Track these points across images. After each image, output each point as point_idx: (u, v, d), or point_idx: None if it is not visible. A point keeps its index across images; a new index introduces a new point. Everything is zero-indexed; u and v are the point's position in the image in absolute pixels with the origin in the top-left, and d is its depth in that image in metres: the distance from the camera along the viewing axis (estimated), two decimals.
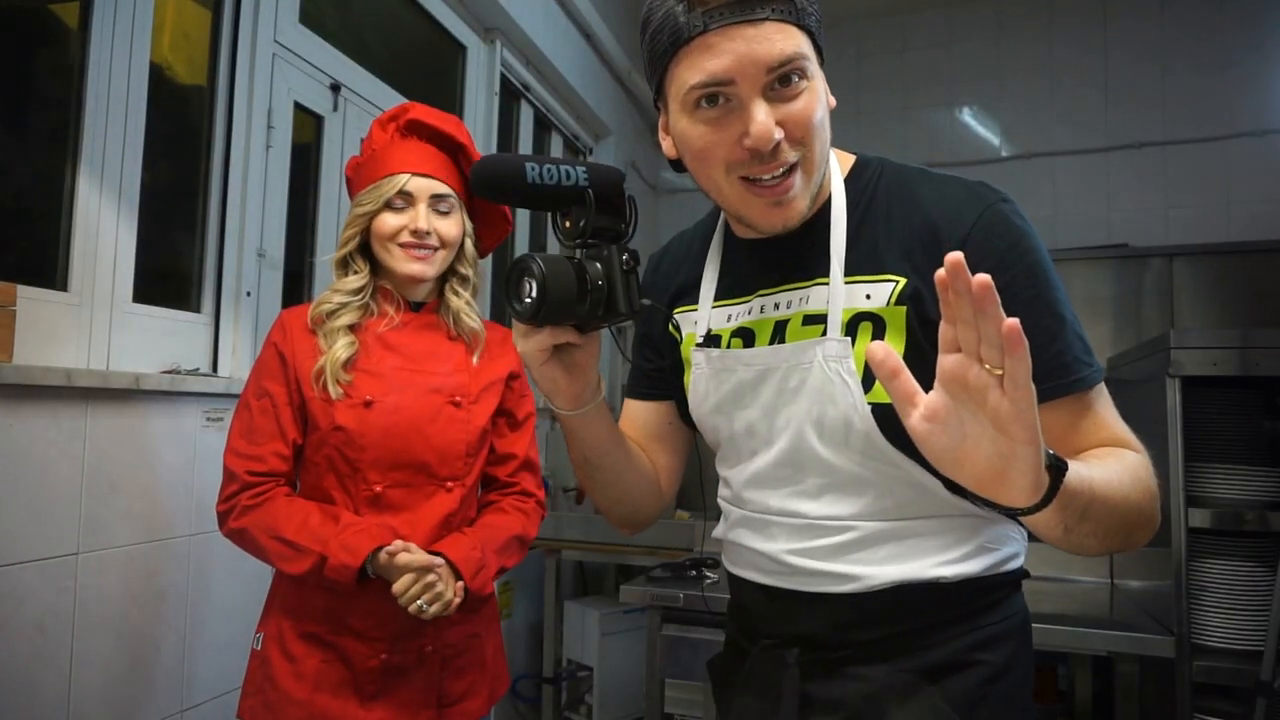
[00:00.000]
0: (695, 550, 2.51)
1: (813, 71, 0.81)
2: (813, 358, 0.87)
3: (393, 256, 1.34)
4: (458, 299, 1.41)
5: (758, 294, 0.95)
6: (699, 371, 0.98)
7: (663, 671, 1.98)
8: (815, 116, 0.81)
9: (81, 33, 1.51)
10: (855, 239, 0.88)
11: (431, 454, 1.32)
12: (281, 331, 1.34)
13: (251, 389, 1.33)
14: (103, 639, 1.42)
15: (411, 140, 1.37)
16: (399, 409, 1.31)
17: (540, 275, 0.80)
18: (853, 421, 0.85)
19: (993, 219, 0.84)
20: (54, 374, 1.32)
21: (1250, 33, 3.37)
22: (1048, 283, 0.83)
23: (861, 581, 0.88)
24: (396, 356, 1.35)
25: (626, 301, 0.85)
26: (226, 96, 1.84)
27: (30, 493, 1.30)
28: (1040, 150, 3.67)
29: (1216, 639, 1.85)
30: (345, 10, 2.30)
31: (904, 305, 0.84)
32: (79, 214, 1.49)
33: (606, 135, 3.84)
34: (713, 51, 0.79)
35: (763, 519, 0.95)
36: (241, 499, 1.27)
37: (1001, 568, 0.91)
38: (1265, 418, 1.98)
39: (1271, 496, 1.88)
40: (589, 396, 0.92)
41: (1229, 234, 3.30)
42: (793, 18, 0.79)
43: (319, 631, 1.29)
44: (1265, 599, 1.81)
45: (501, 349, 1.46)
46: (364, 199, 1.34)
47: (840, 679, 0.91)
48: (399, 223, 1.33)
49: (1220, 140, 3.38)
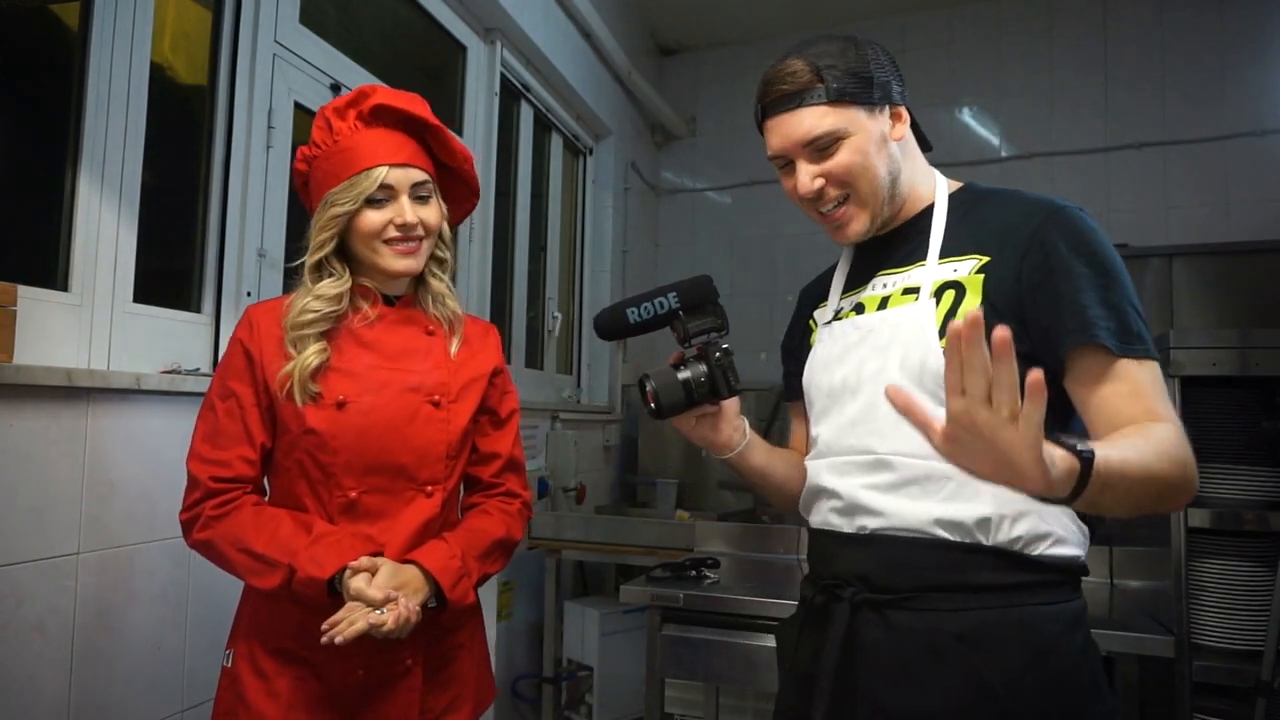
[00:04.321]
0: (695, 550, 2.51)
1: (852, 130, 1.07)
2: (903, 317, 1.07)
3: (380, 255, 1.25)
4: (438, 282, 1.34)
5: (873, 278, 1.17)
6: (818, 343, 1.21)
7: (663, 671, 1.98)
8: (854, 165, 1.08)
9: (81, 33, 1.51)
10: (951, 233, 1.10)
11: (410, 456, 1.24)
12: (249, 329, 1.25)
13: (216, 389, 1.24)
14: (103, 639, 1.42)
15: (379, 128, 1.26)
16: (374, 409, 1.23)
17: (653, 390, 1.13)
18: (928, 360, 1.02)
19: (1062, 217, 1.03)
20: (54, 374, 1.32)
21: (1250, 33, 3.37)
22: (1102, 269, 0.99)
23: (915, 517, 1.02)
24: (371, 354, 1.27)
25: (726, 387, 1.14)
26: (226, 96, 1.84)
27: (30, 493, 1.30)
28: (1040, 150, 3.67)
29: (1216, 639, 1.86)
30: (345, 10, 2.30)
31: (982, 275, 1.04)
32: (79, 214, 1.49)
33: (607, 135, 3.84)
34: (770, 134, 1.13)
35: (843, 461, 1.11)
36: (206, 508, 1.19)
37: (1051, 549, 1.00)
38: (1264, 418, 1.98)
39: (1271, 496, 1.88)
40: (737, 440, 1.21)
41: (1229, 234, 3.30)
42: (822, 99, 1.07)
43: (293, 647, 1.21)
44: (1265, 599, 1.81)
45: (482, 343, 1.39)
46: (339, 198, 1.22)
47: (885, 628, 1.03)
48: (383, 218, 1.23)
49: (1220, 140, 3.38)
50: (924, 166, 1.18)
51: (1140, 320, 0.99)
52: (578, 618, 2.85)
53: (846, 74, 1.07)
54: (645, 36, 4.19)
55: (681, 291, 1.15)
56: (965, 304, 1.03)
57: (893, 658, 1.02)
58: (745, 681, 1.96)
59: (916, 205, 1.15)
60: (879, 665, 1.03)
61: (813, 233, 4.07)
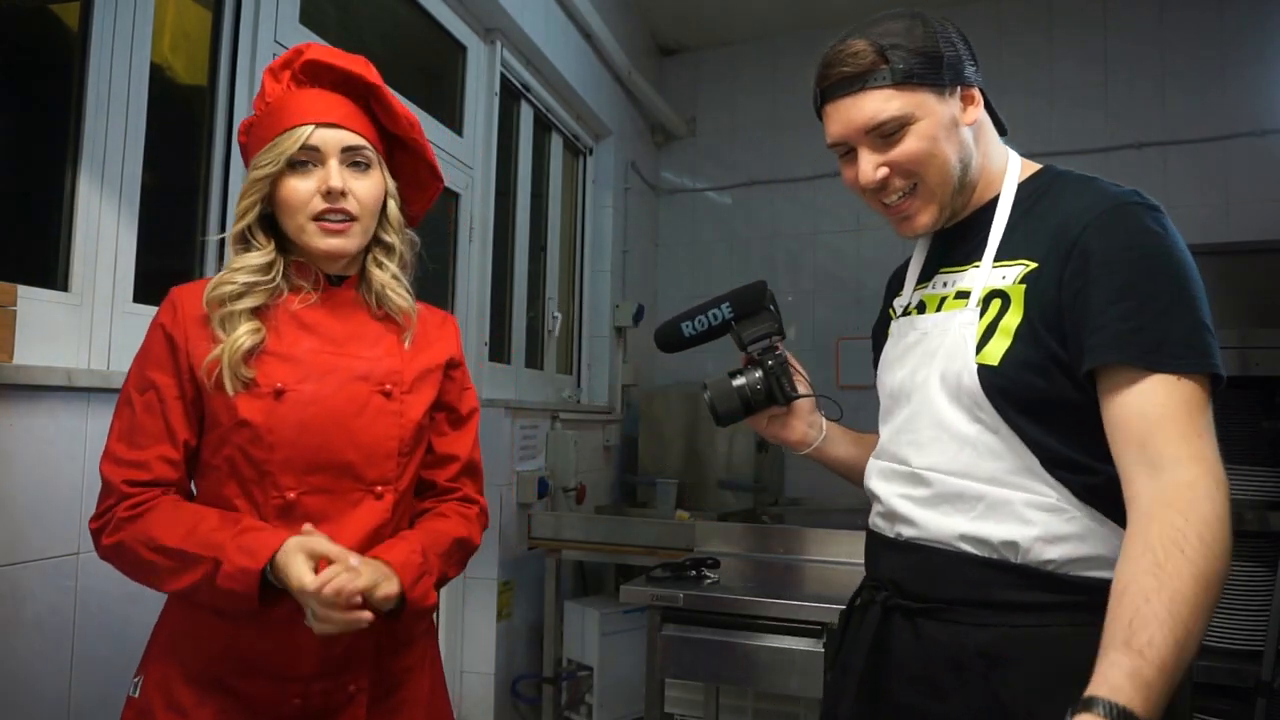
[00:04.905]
0: (695, 550, 2.51)
1: (920, 115, 0.99)
2: (950, 324, 1.03)
3: (304, 231, 1.10)
4: (381, 272, 1.18)
5: (938, 273, 1.12)
6: (891, 337, 1.17)
7: (663, 671, 1.98)
8: (921, 153, 1.00)
9: (81, 33, 1.51)
10: (1012, 230, 1.03)
11: (356, 453, 1.10)
12: (171, 311, 1.10)
13: (133, 381, 1.10)
14: (103, 639, 1.41)
15: (312, 89, 1.13)
16: (317, 400, 1.08)
17: (709, 400, 1.17)
18: (963, 377, 0.98)
19: (1119, 213, 0.94)
20: (54, 374, 1.32)
21: (1250, 33, 3.37)
22: (1148, 274, 0.90)
23: (942, 531, 0.99)
24: (314, 338, 1.12)
25: (781, 394, 1.17)
26: (226, 96, 1.84)
27: (30, 493, 1.30)
28: (1040, 150, 3.64)
29: (1216, 639, 1.85)
30: (345, 10, 2.30)
31: (1024, 285, 0.97)
32: (79, 214, 1.49)
33: (607, 135, 3.84)
34: (829, 120, 1.05)
35: (890, 467, 1.09)
36: (117, 512, 1.04)
37: (1091, 571, 0.93)
38: (1265, 418, 1.98)
39: (1271, 496, 1.88)
40: (812, 437, 1.23)
41: (1229, 234, 3.30)
42: (887, 81, 0.99)
43: (218, 673, 1.05)
44: (1265, 599, 1.81)
45: (440, 333, 1.25)
46: (261, 160, 1.09)
47: (913, 634, 1.02)
48: (307, 187, 1.09)
49: (1220, 140, 3.38)
50: (999, 150, 1.10)
51: (1196, 331, 0.88)
52: (578, 618, 2.85)
53: (913, 53, 0.99)
54: (645, 36, 4.19)
55: (735, 301, 1.16)
56: (1009, 317, 0.97)
57: (919, 665, 1.01)
58: (745, 681, 1.96)
59: (986, 194, 1.07)
60: (906, 670, 1.02)
61: (813, 232, 4.09)
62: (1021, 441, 0.95)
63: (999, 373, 0.96)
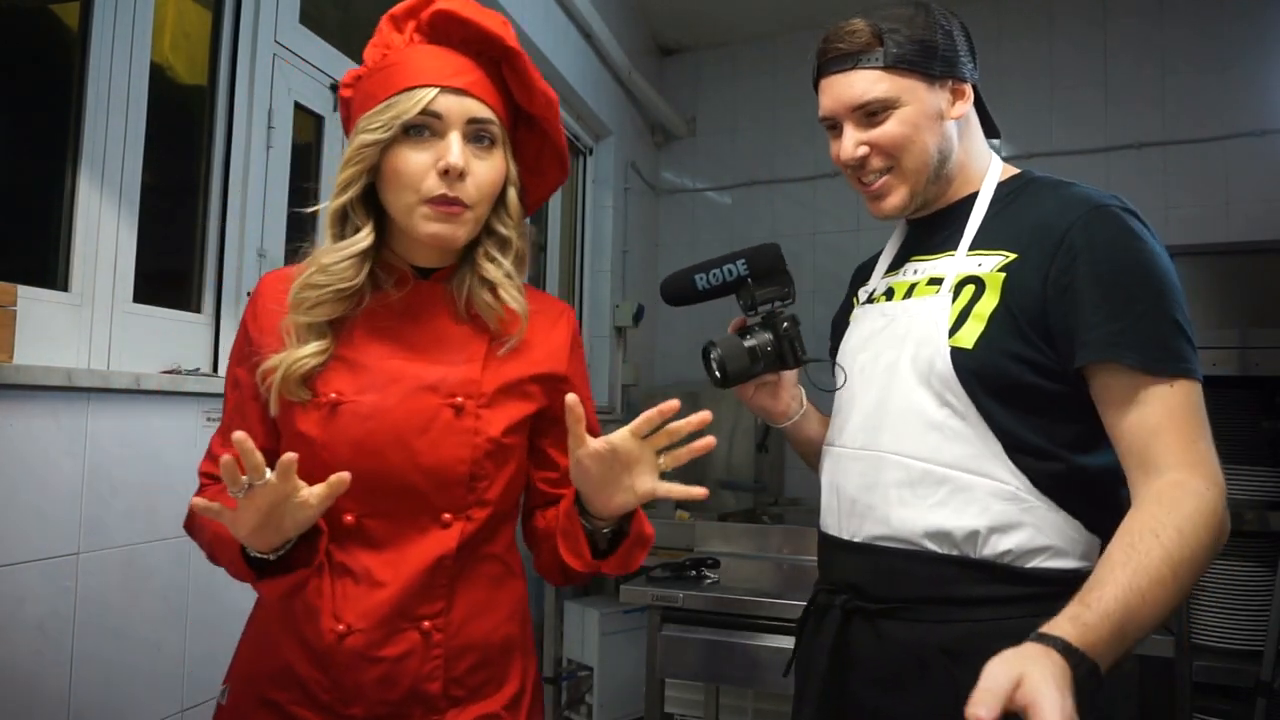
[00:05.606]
0: (695, 550, 2.51)
1: (905, 100, 1.02)
2: (919, 309, 1.04)
3: (412, 213, 0.94)
4: (495, 269, 1.00)
5: (909, 261, 1.14)
6: (853, 324, 1.18)
7: (663, 671, 1.98)
8: (901, 137, 1.03)
9: (81, 33, 1.51)
10: (987, 225, 1.05)
11: (420, 476, 0.94)
12: (253, 304, 1.01)
13: (229, 375, 1.03)
14: (103, 639, 1.41)
15: (439, 47, 0.96)
16: (376, 413, 0.94)
17: (718, 358, 1.11)
18: (935, 361, 0.98)
19: (1105, 214, 0.96)
20: (54, 374, 1.32)
21: (1250, 32, 3.37)
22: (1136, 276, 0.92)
23: (903, 525, 0.99)
24: (384, 341, 0.98)
25: (793, 356, 1.13)
26: (226, 96, 1.84)
27: (30, 493, 1.30)
28: (1040, 150, 3.66)
29: (1216, 639, 1.86)
30: (345, 10, 2.30)
31: (1004, 274, 0.99)
32: (79, 214, 1.49)
33: (607, 135, 3.84)
34: (822, 94, 1.09)
35: (848, 454, 1.08)
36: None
37: (1046, 562, 0.96)
38: (1265, 418, 1.98)
39: (1271, 496, 1.88)
40: (794, 409, 1.21)
41: (1229, 234, 3.30)
42: (879, 63, 1.02)
43: (278, 700, 0.96)
44: (1265, 599, 1.81)
45: (547, 335, 1.05)
46: (371, 123, 0.93)
47: (875, 636, 1.02)
48: (423, 160, 0.93)
49: (1220, 140, 3.37)
50: (982, 150, 1.12)
51: (1181, 336, 0.91)
52: (578, 618, 2.85)
53: (910, 40, 1.02)
54: (645, 36, 4.19)
55: (750, 258, 1.12)
56: (983, 302, 0.98)
57: (882, 666, 1.01)
58: (745, 681, 1.96)
59: (963, 190, 1.10)
60: (869, 672, 1.02)
61: (813, 232, 4.08)
62: (988, 427, 0.97)
63: (973, 355, 0.97)
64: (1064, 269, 0.95)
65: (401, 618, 0.93)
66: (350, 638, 0.92)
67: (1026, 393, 0.96)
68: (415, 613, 0.94)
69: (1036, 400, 0.96)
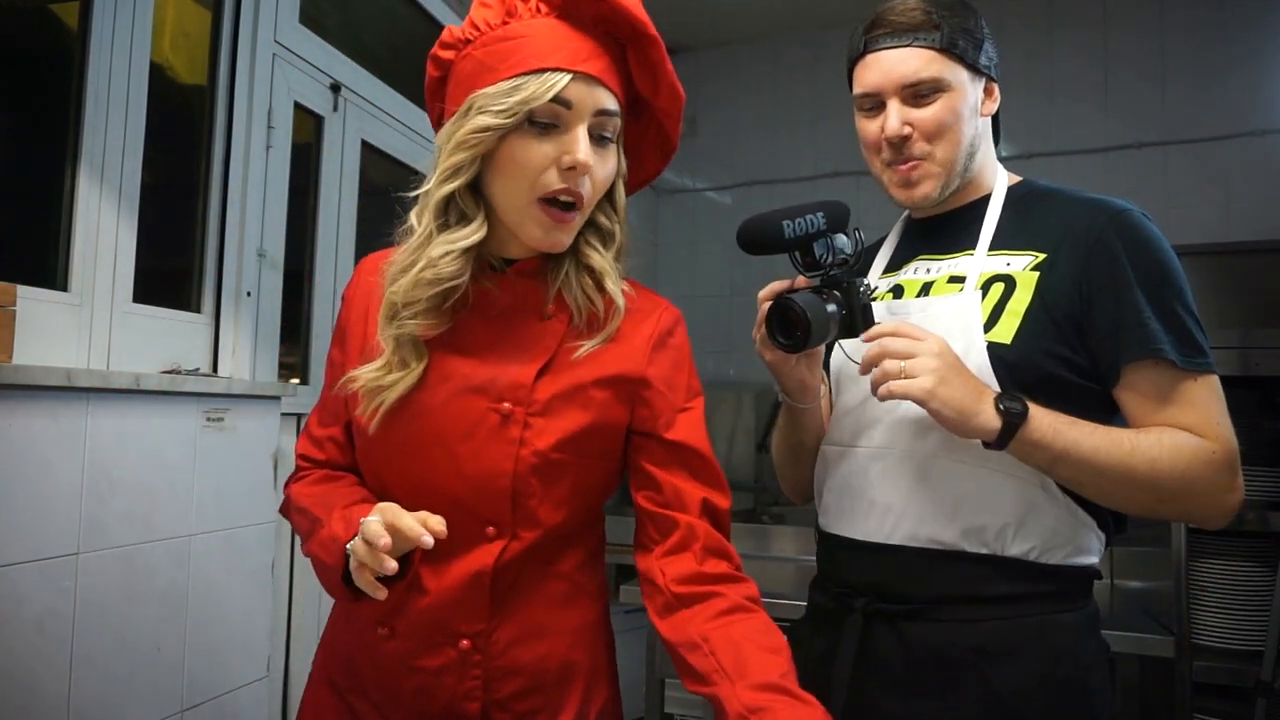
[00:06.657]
0: None
1: (953, 86, 1.02)
2: (946, 306, 1.02)
3: (526, 214, 0.86)
4: (598, 256, 0.92)
5: (915, 260, 1.13)
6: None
7: (663, 671, 1.98)
8: (943, 121, 1.02)
9: (81, 33, 1.51)
10: (1005, 227, 1.05)
11: (463, 484, 0.87)
12: (354, 282, 0.97)
13: (329, 353, 0.99)
14: (103, 639, 1.41)
15: (567, 25, 0.85)
16: (422, 413, 0.87)
17: (805, 319, 0.95)
18: (969, 355, 0.97)
19: (1131, 218, 0.99)
20: (54, 374, 1.32)
21: (1250, 33, 3.37)
22: (1165, 278, 0.97)
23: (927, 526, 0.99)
24: (447, 334, 0.89)
25: (864, 325, 0.99)
26: (226, 96, 1.84)
27: (30, 493, 1.30)
28: (1040, 150, 3.66)
29: (1216, 639, 1.85)
30: (345, 10, 2.30)
31: (1037, 273, 0.99)
32: (79, 214, 1.49)
33: None
34: (867, 69, 1.05)
35: (861, 452, 1.06)
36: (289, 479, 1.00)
37: (1068, 559, 0.98)
38: (1265, 418, 1.98)
39: (1271, 496, 1.88)
40: (820, 389, 1.13)
41: (1229, 234, 3.29)
42: (935, 43, 1.01)
43: (341, 686, 0.95)
44: (1265, 599, 1.81)
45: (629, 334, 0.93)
46: (491, 103, 0.82)
47: (897, 639, 1.00)
48: (545, 152, 0.83)
49: (1220, 140, 3.37)
50: (993, 155, 1.14)
51: (1201, 331, 0.96)
52: None
53: (961, 30, 1.03)
54: None
55: (828, 212, 0.99)
56: (1016, 299, 0.99)
57: (905, 669, 0.99)
58: None
59: (974, 192, 1.10)
60: (892, 676, 1.00)
61: None
62: None
63: (1011, 350, 0.97)
64: (1101, 269, 0.97)
65: (438, 630, 0.88)
66: (393, 642, 0.89)
67: (1058, 387, 0.97)
68: (453, 628, 0.88)
69: (1066, 396, 0.96)
